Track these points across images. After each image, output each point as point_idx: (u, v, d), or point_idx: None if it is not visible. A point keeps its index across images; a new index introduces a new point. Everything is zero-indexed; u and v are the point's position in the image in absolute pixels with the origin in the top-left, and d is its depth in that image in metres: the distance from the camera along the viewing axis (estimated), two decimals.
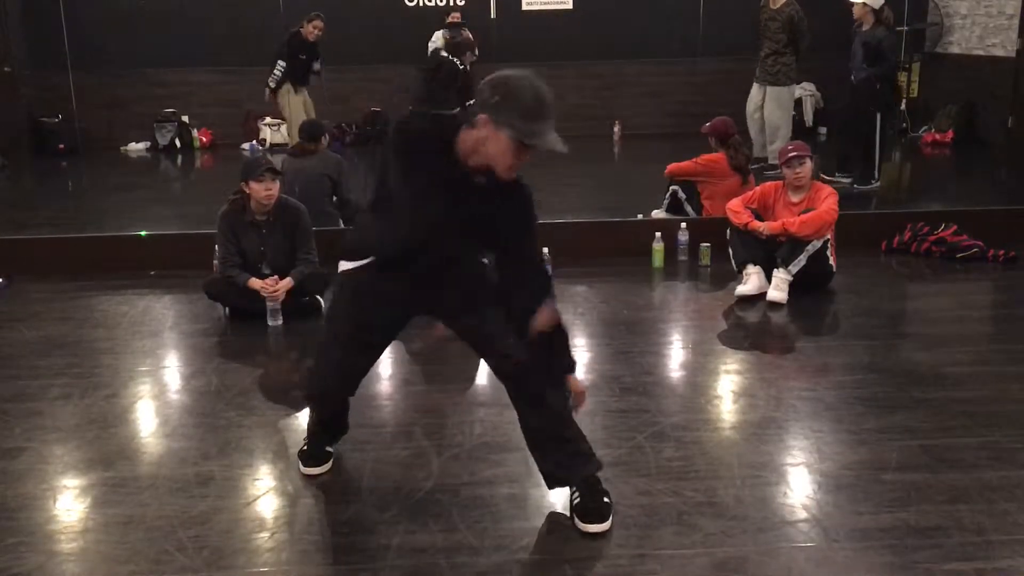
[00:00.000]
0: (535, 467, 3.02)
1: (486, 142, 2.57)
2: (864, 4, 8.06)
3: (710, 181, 6.45)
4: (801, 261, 5.16)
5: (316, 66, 9.51)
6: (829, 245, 5.26)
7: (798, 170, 5.32)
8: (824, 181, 6.21)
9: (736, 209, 5.45)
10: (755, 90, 9.13)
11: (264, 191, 4.86)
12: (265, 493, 3.16)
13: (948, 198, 8.03)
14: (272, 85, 9.37)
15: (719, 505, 2.99)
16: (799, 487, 3.12)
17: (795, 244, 5.19)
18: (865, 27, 8.13)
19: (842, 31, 10.80)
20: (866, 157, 8.28)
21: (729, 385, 4.13)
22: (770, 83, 8.95)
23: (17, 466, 3.37)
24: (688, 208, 6.57)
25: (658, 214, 6.78)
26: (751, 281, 5.25)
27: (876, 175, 8.28)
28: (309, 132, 6.46)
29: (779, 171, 5.54)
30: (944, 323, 4.91)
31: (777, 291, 5.14)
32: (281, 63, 9.32)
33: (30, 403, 3.95)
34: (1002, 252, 5.90)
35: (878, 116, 8.19)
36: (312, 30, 9.38)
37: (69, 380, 4.21)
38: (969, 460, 3.27)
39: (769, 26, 8.85)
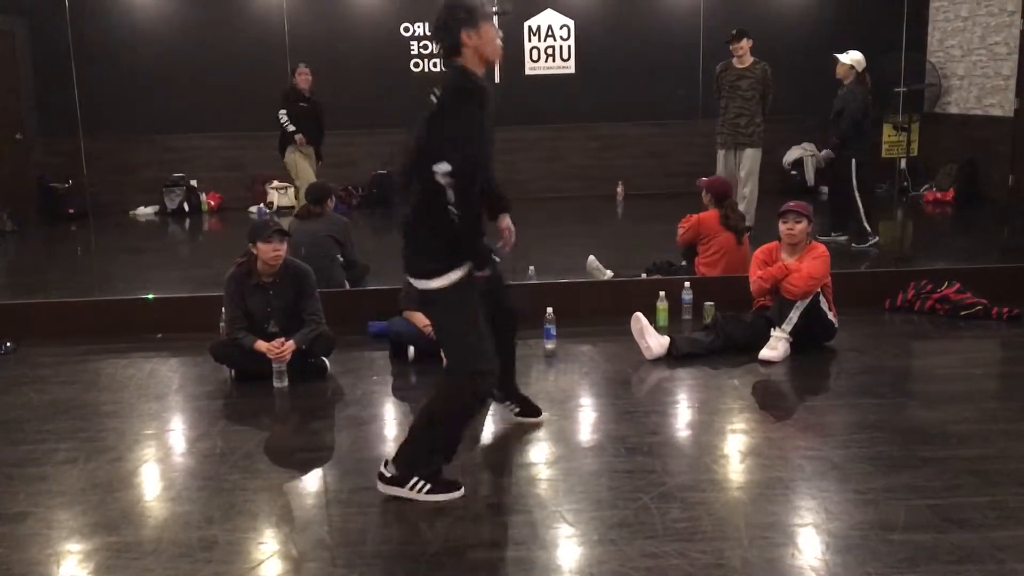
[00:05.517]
0: (541, 529, 2.98)
1: (481, 46, 3.31)
2: (850, 65, 8.15)
3: (704, 242, 6.49)
4: (792, 319, 5.19)
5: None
6: (823, 299, 5.27)
7: (791, 225, 5.34)
8: (820, 240, 6.21)
9: (752, 279, 5.47)
10: (728, 156, 8.60)
11: (272, 252, 4.93)
12: (269, 557, 3.15)
13: (950, 256, 8.06)
14: (291, 128, 9.41)
15: (727, 567, 2.97)
16: (807, 548, 3.10)
17: (783, 302, 5.22)
18: (847, 82, 8.22)
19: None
20: (848, 213, 8.20)
21: (735, 445, 4.12)
22: (748, 145, 8.49)
23: (22, 531, 3.36)
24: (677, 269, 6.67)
25: (592, 260, 6.91)
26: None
27: (869, 231, 8.16)
28: (315, 195, 6.51)
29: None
30: (949, 381, 4.91)
31: (768, 350, 5.16)
32: (281, 111, 9.43)
33: (35, 467, 3.95)
34: (1006, 310, 5.90)
35: (852, 172, 8.08)
36: (301, 76, 9.53)
37: (74, 444, 4.21)
38: (977, 519, 3.25)
39: (740, 85, 8.44)
